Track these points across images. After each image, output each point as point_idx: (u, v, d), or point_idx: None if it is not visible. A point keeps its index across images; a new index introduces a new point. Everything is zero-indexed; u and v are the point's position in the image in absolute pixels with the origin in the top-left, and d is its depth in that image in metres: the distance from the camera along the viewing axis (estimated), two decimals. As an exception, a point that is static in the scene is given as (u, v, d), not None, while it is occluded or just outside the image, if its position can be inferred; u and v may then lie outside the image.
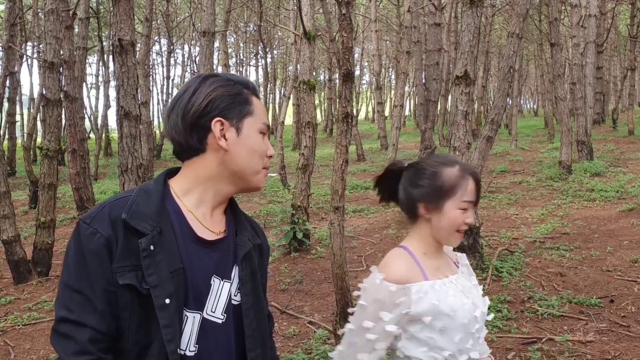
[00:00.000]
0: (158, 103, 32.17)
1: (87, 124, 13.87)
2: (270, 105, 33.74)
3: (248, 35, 30.76)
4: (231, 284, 1.34)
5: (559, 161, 12.11)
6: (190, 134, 1.29)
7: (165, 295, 1.20)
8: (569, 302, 4.83)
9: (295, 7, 11.45)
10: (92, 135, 21.02)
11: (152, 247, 1.20)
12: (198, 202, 1.33)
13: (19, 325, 4.87)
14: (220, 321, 1.31)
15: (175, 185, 1.33)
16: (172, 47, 27.27)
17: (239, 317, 1.35)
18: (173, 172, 1.37)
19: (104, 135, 21.15)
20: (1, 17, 13.25)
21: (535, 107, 48.09)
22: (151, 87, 25.02)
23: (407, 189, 1.68)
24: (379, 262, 1.65)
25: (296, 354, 4.06)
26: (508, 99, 10.50)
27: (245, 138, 1.32)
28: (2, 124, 18.95)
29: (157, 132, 24.82)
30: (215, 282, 1.31)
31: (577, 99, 12.60)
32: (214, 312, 1.31)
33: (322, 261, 6.48)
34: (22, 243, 6.35)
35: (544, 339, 4.13)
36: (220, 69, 19.34)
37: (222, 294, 1.32)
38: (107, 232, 1.20)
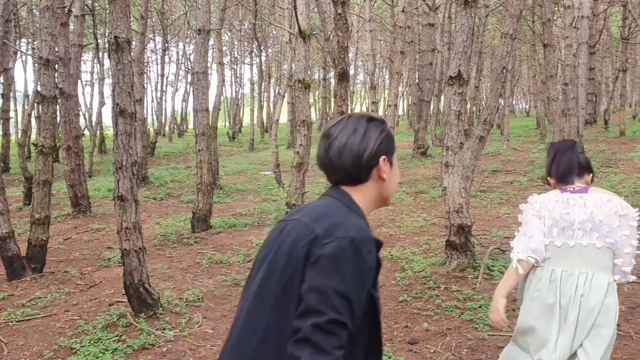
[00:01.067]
0: (152, 101, 32.11)
1: (81, 121, 13.84)
2: (265, 104, 33.72)
3: (243, 34, 30.72)
4: None
5: (551, 161, 12.17)
6: (364, 169, 1.59)
7: (379, 306, 1.54)
8: (559, 301, 4.89)
9: (291, 6, 11.48)
10: (86, 132, 20.98)
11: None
12: None
13: (12, 322, 4.88)
14: None
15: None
16: (167, 45, 27.25)
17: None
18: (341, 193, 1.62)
19: (98, 133, 21.09)
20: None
21: (527, 107, 48.26)
22: (145, 85, 24.96)
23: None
24: None
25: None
26: (500, 99, 10.57)
27: (395, 169, 1.68)
28: (-4, 121, 18.85)
29: (151, 129, 24.78)
30: None
31: (569, 99, 12.68)
32: None
33: (316, 259, 6.51)
34: (16, 239, 6.36)
35: (534, 336, 4.18)
36: (214, 67, 19.34)
37: None
38: (376, 253, 1.49)
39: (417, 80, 19.36)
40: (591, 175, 2.81)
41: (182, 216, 9.35)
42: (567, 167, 2.75)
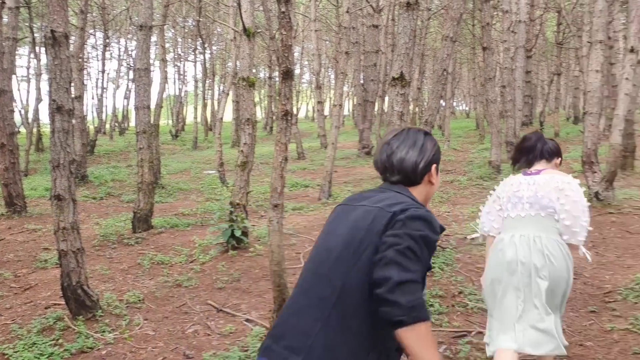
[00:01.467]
0: (92, 97, 31.20)
1: (17, 117, 13.30)
2: (209, 102, 33.31)
3: (187, 30, 30.22)
4: None
5: (489, 161, 12.59)
6: (420, 174, 1.95)
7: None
8: (496, 296, 5.06)
9: (235, 4, 11.39)
10: (22, 129, 20.17)
11: None
12: None
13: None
14: None
15: None
16: (108, 41, 26.51)
17: None
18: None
19: (35, 130, 20.30)
20: None
21: (467, 109, 49.53)
22: (85, 82, 24.20)
23: None
24: None
25: (232, 351, 4.09)
26: (441, 100, 10.81)
27: (438, 176, 2.03)
28: None
29: (91, 127, 24.07)
30: None
31: (507, 101, 13.11)
32: None
33: (261, 259, 6.50)
34: (-55, 241, 6.07)
35: (473, 332, 4.32)
36: (157, 64, 18.96)
37: None
38: (439, 234, 1.77)
39: (362, 81, 19.57)
40: (560, 159, 3.49)
41: (123, 216, 9.13)
42: (529, 154, 3.43)
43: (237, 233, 6.76)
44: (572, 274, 3.21)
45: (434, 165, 1.97)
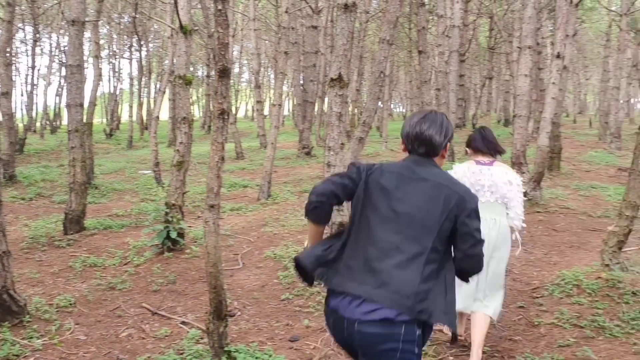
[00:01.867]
0: (22, 94, 29.85)
1: None
2: (145, 100, 32.55)
3: (122, 27, 29.40)
4: None
5: (425, 162, 12.85)
6: (440, 148, 2.44)
7: None
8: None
9: (172, 1, 11.18)
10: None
11: None
12: None
13: None
14: None
15: None
16: (38, 36, 25.43)
17: None
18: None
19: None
20: None
21: (404, 111, 50.50)
22: (14, 77, 23.12)
23: None
24: (255, 260, 1.82)
25: (168, 354, 4.02)
26: (379, 102, 10.98)
27: (447, 151, 2.55)
28: None
29: (21, 125, 23.03)
30: None
31: (442, 104, 13.46)
32: None
33: (197, 260, 6.41)
34: None
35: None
36: (91, 61, 18.35)
37: None
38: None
39: (301, 81, 19.62)
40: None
41: (54, 217, 8.79)
42: (491, 145, 4.02)
43: (173, 234, 6.64)
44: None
45: (448, 144, 2.49)
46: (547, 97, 9.48)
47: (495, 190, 3.88)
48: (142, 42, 26.21)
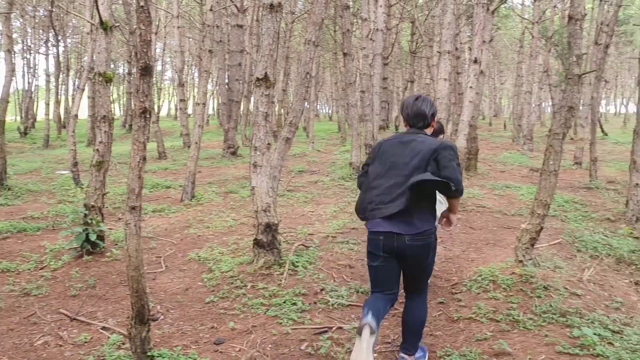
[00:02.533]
0: None
1: None
2: (63, 97, 31.18)
3: (37, 20, 28.03)
4: None
5: (349, 162, 13.08)
6: (431, 120, 3.63)
7: None
8: (356, 292, 5.27)
9: (91, -5, 10.76)
10: None
11: None
12: None
13: None
14: None
15: None
16: (-60, 26, 23.80)
17: None
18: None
19: None
20: None
21: (330, 112, 51.06)
22: None
23: None
24: (179, 263, 1.74)
25: (88, 360, 3.87)
26: (305, 103, 11.04)
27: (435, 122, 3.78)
28: None
29: None
30: None
31: (366, 106, 13.68)
32: None
33: (118, 264, 6.21)
34: None
35: (334, 328, 4.45)
36: (3, 55, 17.38)
37: None
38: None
39: (226, 80, 19.40)
40: None
41: (-40, 221, 8.27)
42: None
43: (92, 237, 6.40)
44: None
45: (435, 117, 3.65)
46: (465, 100, 9.85)
47: None
48: (59, 37, 25.09)
